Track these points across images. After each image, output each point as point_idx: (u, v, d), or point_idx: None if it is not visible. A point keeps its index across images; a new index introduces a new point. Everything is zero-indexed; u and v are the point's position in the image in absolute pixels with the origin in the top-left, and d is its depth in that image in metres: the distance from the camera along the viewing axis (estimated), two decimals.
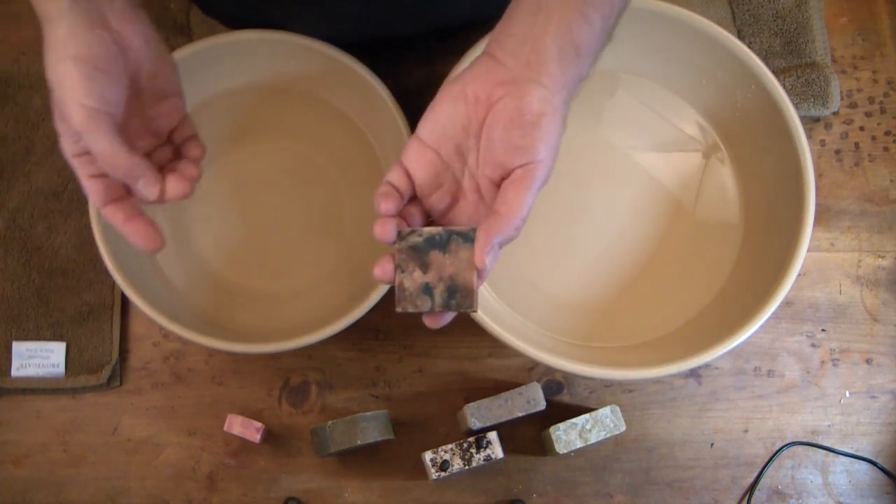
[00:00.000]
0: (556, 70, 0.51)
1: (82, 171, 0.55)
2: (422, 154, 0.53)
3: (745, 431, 0.78)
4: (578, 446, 0.71)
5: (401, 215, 0.54)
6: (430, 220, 0.56)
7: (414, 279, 0.52)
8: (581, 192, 0.80)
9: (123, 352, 0.78)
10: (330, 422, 0.71)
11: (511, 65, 0.51)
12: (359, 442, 0.70)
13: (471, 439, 0.71)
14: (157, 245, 0.57)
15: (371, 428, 0.71)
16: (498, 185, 0.52)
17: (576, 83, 0.53)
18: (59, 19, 0.51)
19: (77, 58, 0.51)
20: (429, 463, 0.70)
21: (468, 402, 0.72)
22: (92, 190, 0.55)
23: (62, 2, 0.51)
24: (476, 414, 0.72)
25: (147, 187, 0.55)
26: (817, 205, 0.71)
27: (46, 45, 0.52)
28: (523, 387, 0.72)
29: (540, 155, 0.51)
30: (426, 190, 0.54)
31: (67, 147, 0.54)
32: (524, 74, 0.51)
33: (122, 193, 0.57)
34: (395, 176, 0.54)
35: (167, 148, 0.61)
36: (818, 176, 0.82)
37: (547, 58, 0.50)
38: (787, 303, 0.81)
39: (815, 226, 0.70)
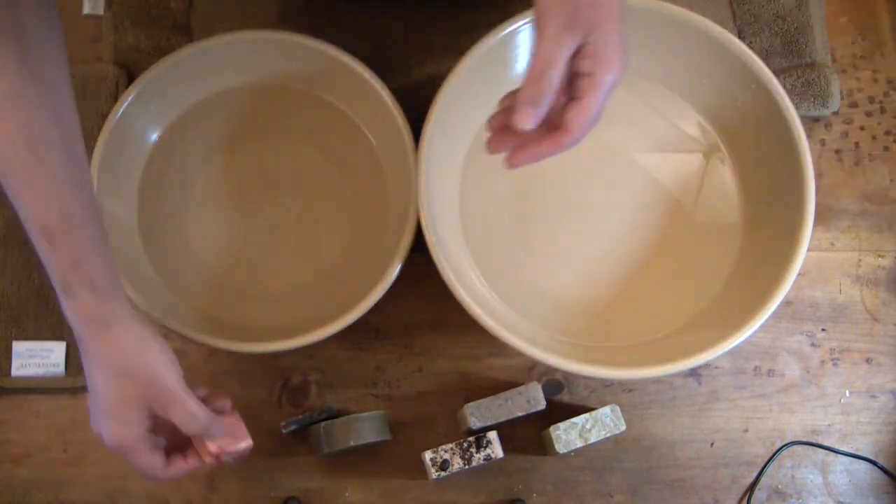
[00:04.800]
0: None
1: (145, 447, 0.59)
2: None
3: (745, 431, 0.78)
4: (578, 446, 0.71)
5: None
6: None
7: None
8: (581, 192, 0.80)
9: None
10: (324, 422, 0.71)
11: None
12: (352, 443, 0.70)
13: (471, 439, 0.71)
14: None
15: (366, 428, 0.71)
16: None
17: None
18: (130, 317, 0.59)
19: (157, 339, 0.60)
20: (429, 462, 0.70)
21: (468, 402, 0.72)
22: (156, 460, 0.60)
23: (125, 300, 0.59)
24: (476, 413, 0.72)
25: (242, 441, 0.63)
26: (817, 204, 0.71)
27: (120, 343, 0.58)
28: (523, 386, 0.72)
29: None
30: None
31: (135, 431, 0.59)
32: None
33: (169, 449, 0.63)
34: None
35: None
36: (818, 176, 0.82)
37: None
38: (787, 302, 0.81)
39: (815, 225, 0.70)
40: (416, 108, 0.74)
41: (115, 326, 0.58)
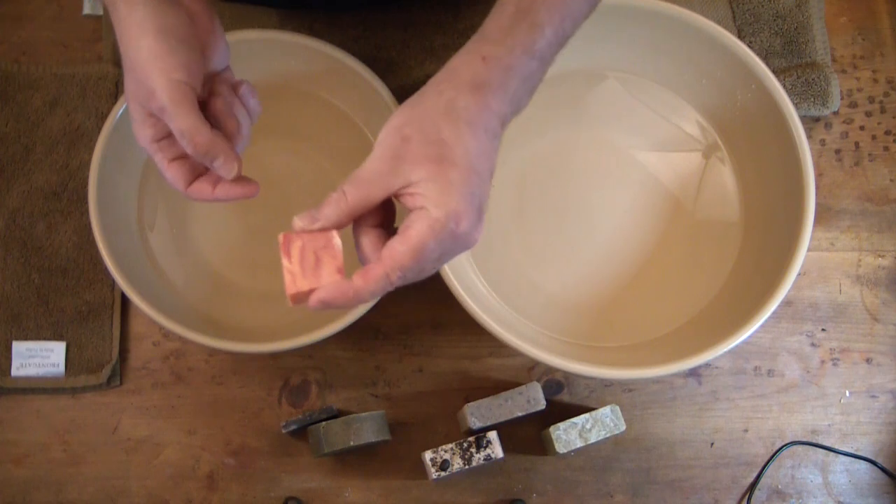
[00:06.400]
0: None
1: (162, 156, 0.55)
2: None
3: (745, 431, 0.78)
4: (578, 446, 0.71)
5: None
6: None
7: None
8: (581, 191, 0.79)
9: (123, 351, 0.78)
10: (324, 422, 0.71)
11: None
12: (352, 443, 0.70)
13: (471, 439, 0.71)
14: (255, 189, 0.56)
15: (365, 429, 0.71)
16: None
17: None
18: (133, 1, 0.51)
19: (159, 31, 0.51)
20: (429, 462, 0.70)
21: (468, 402, 0.72)
22: (174, 174, 0.55)
23: None
24: (476, 413, 0.72)
25: (226, 165, 0.53)
26: (817, 204, 0.71)
27: (122, 26, 0.52)
28: (523, 386, 0.72)
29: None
30: None
31: (144, 132, 0.54)
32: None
33: (203, 171, 0.56)
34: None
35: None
36: (818, 175, 0.82)
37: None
38: (787, 302, 0.81)
39: (815, 225, 0.70)
40: None
41: (121, 7, 0.51)
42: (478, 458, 0.71)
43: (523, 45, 0.51)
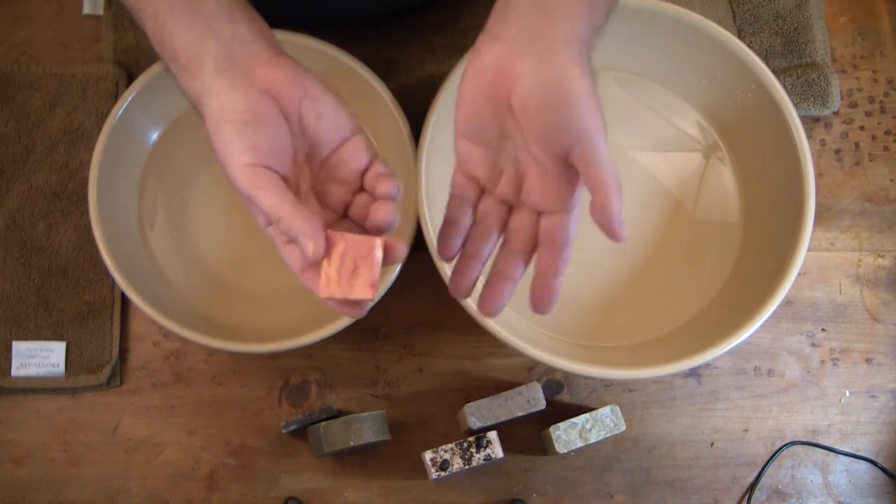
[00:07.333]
0: (569, 29, 0.51)
1: (277, 240, 0.54)
2: (472, 151, 0.55)
3: (745, 431, 0.78)
4: (578, 446, 0.71)
5: (479, 219, 0.56)
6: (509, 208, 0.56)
7: None
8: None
9: (123, 351, 0.78)
10: (324, 422, 0.71)
11: (517, 38, 0.50)
12: (352, 443, 0.70)
13: (471, 439, 0.71)
14: (360, 311, 0.54)
15: (365, 429, 0.71)
16: (562, 159, 0.52)
17: (593, 33, 0.53)
18: (208, 94, 0.51)
19: (219, 122, 0.51)
20: (429, 462, 0.70)
21: (468, 402, 0.72)
22: (290, 257, 0.53)
23: (206, 75, 0.51)
24: (476, 413, 0.72)
25: (304, 243, 0.50)
26: (817, 204, 0.71)
27: (207, 119, 0.52)
28: (523, 386, 0.72)
29: (592, 126, 0.52)
30: (492, 183, 0.55)
31: (257, 217, 0.53)
32: (537, 44, 0.50)
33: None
34: (460, 183, 0.55)
35: (365, 195, 0.55)
36: (818, 175, 0.82)
37: (559, 19, 0.50)
38: (787, 302, 0.81)
39: (815, 225, 0.70)
40: (416, 108, 0.74)
41: (202, 106, 0.52)
42: (478, 458, 0.71)
43: None
